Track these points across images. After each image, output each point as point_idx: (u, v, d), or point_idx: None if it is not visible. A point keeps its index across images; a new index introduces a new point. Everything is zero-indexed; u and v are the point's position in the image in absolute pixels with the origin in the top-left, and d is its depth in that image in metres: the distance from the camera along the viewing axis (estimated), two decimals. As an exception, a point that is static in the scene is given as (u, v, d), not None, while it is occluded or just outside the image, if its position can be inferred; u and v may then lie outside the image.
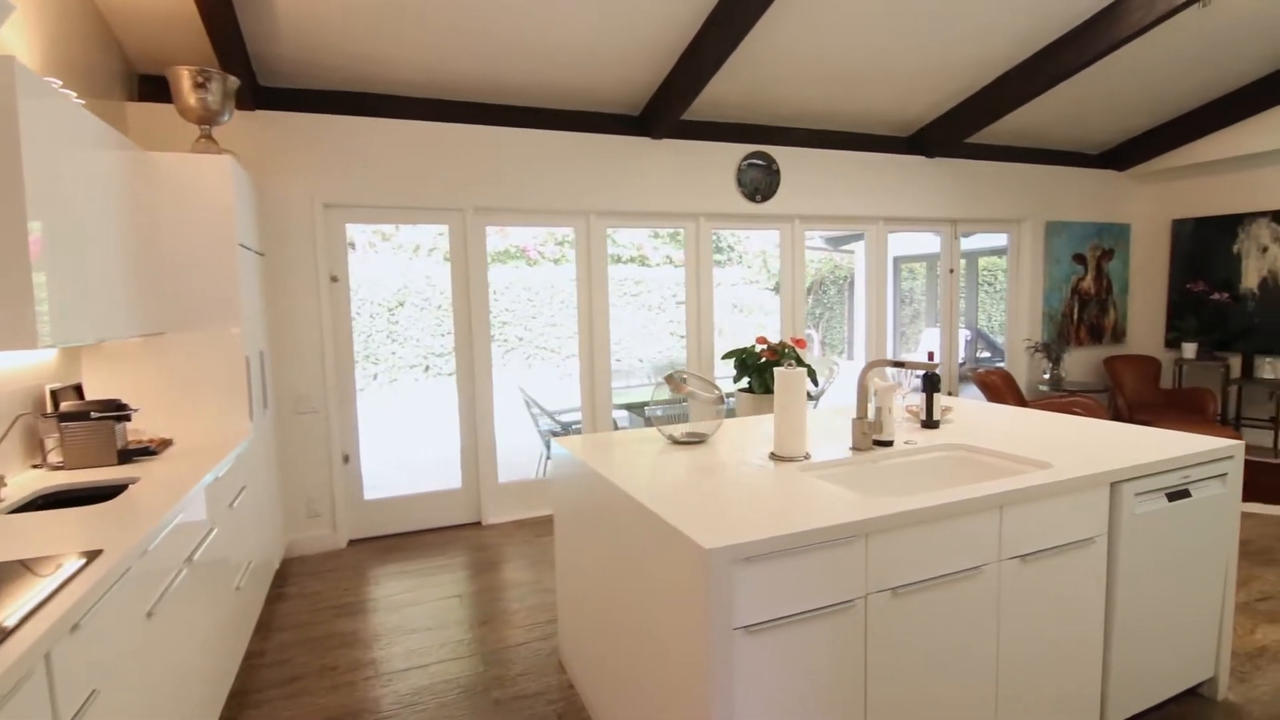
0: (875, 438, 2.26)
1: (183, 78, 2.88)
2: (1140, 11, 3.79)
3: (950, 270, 5.63)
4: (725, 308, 11.96)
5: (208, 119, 2.97)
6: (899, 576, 1.64)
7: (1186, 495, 2.10)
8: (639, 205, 4.46)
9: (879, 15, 3.67)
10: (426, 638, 2.82)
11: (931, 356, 2.61)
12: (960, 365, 9.94)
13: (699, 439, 2.43)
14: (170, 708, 1.73)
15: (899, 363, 2.16)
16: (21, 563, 1.43)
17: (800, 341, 4.54)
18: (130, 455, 2.37)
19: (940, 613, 1.70)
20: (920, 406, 2.66)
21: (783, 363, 4.46)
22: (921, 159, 5.31)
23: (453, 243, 4.14)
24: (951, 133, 5.06)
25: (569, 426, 4.88)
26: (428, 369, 10.90)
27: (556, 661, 2.61)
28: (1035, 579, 1.84)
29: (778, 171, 4.77)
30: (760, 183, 4.74)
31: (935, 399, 2.54)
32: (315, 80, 3.66)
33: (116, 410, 2.33)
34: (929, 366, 2.13)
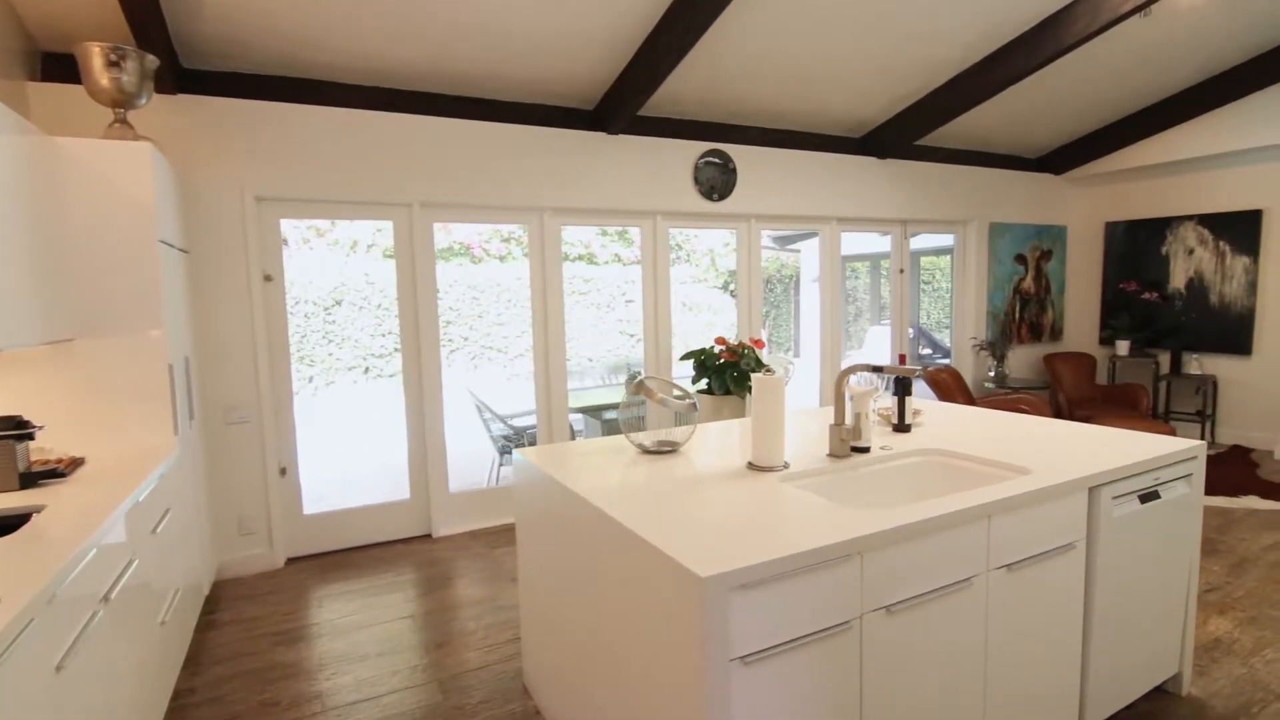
0: (853, 444, 2.20)
1: (93, 55, 2.59)
2: (1085, 20, 3.88)
3: (901, 270, 5.70)
4: (674, 307, 11.96)
5: (123, 102, 2.68)
6: (893, 594, 1.57)
7: (1156, 496, 2.11)
8: (594, 202, 4.32)
9: (837, 15, 3.64)
10: (377, 665, 2.62)
11: (903, 360, 2.58)
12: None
13: (670, 448, 2.32)
14: (84, 772, 1.51)
15: (877, 368, 2.11)
16: (-107, 620, 1.21)
17: (758, 342, 4.49)
18: (34, 479, 2.10)
19: (933, 628, 1.64)
20: (891, 409, 2.62)
21: (741, 363, 4.41)
22: (873, 160, 5.35)
23: (398, 239, 3.91)
24: (902, 134, 5.11)
25: (523, 432, 4.70)
26: (367, 370, 10.47)
27: (521, 686, 2.46)
28: (1020, 588, 1.81)
29: (735, 170, 4.71)
30: (717, 181, 4.67)
31: (907, 402, 2.51)
32: (244, 63, 3.38)
33: (16, 428, 2.05)
34: (908, 371, 2.08)
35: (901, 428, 2.52)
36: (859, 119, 4.99)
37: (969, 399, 5.24)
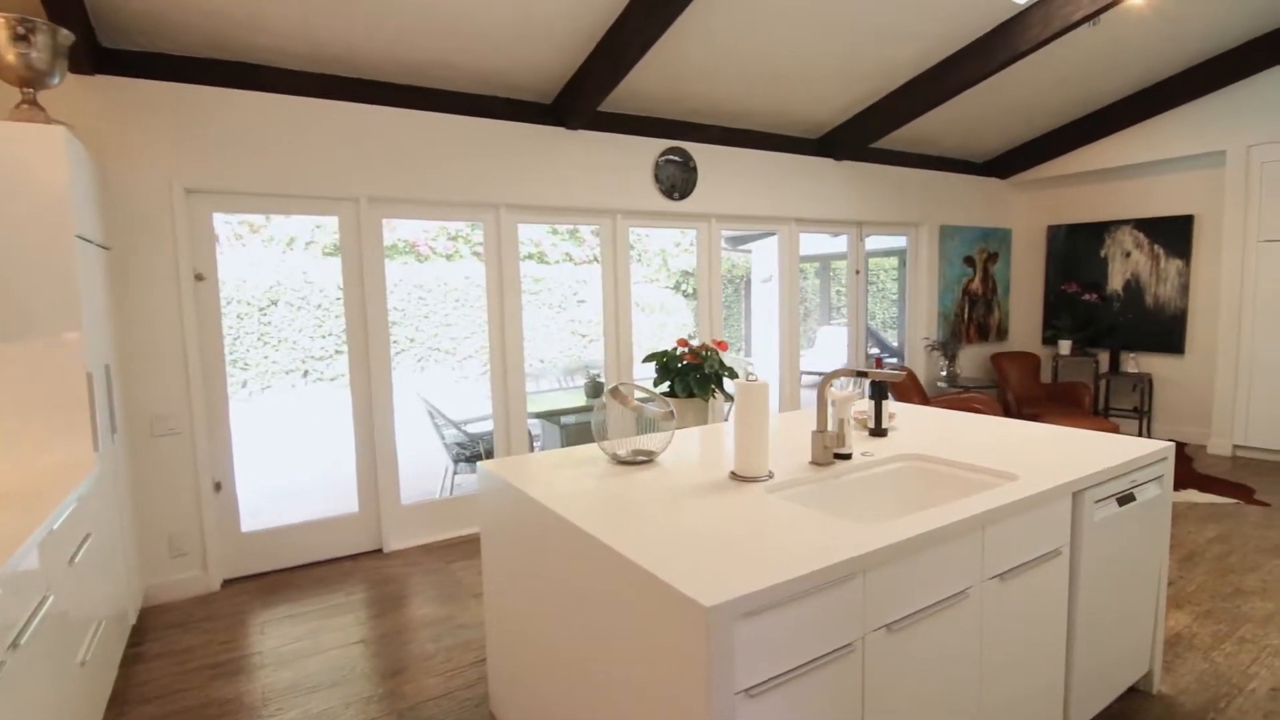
0: (835, 450, 2.13)
1: (-5, 26, 2.30)
2: (1038, 27, 3.95)
3: (857, 271, 5.74)
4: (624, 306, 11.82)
5: (32, 80, 2.40)
6: (894, 611, 1.50)
7: (1132, 499, 2.12)
8: (553, 200, 4.18)
9: (800, 14, 3.60)
10: (329, 698, 2.42)
11: (880, 363, 2.54)
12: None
13: (646, 457, 2.21)
14: None
15: (862, 373, 2.05)
16: None
17: (722, 344, 4.43)
18: (-75, 506, 1.84)
19: (931, 644, 1.58)
20: (867, 412, 2.58)
21: (704, 366, 4.34)
22: (830, 161, 5.36)
23: (344, 236, 3.68)
24: (858, 137, 5.13)
25: (479, 438, 4.51)
26: (306, 374, 9.99)
27: (488, 713, 2.30)
28: (1011, 596, 1.77)
29: (695, 169, 4.64)
30: (678, 180, 4.58)
31: (883, 405, 2.47)
32: (172, 43, 3.10)
33: (-97, 449, 1.79)
34: (893, 376, 2.02)
35: (878, 432, 2.47)
36: (817, 120, 4.98)
37: (924, 399, 5.32)
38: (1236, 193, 5.05)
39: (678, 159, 4.57)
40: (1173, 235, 5.61)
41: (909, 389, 5.28)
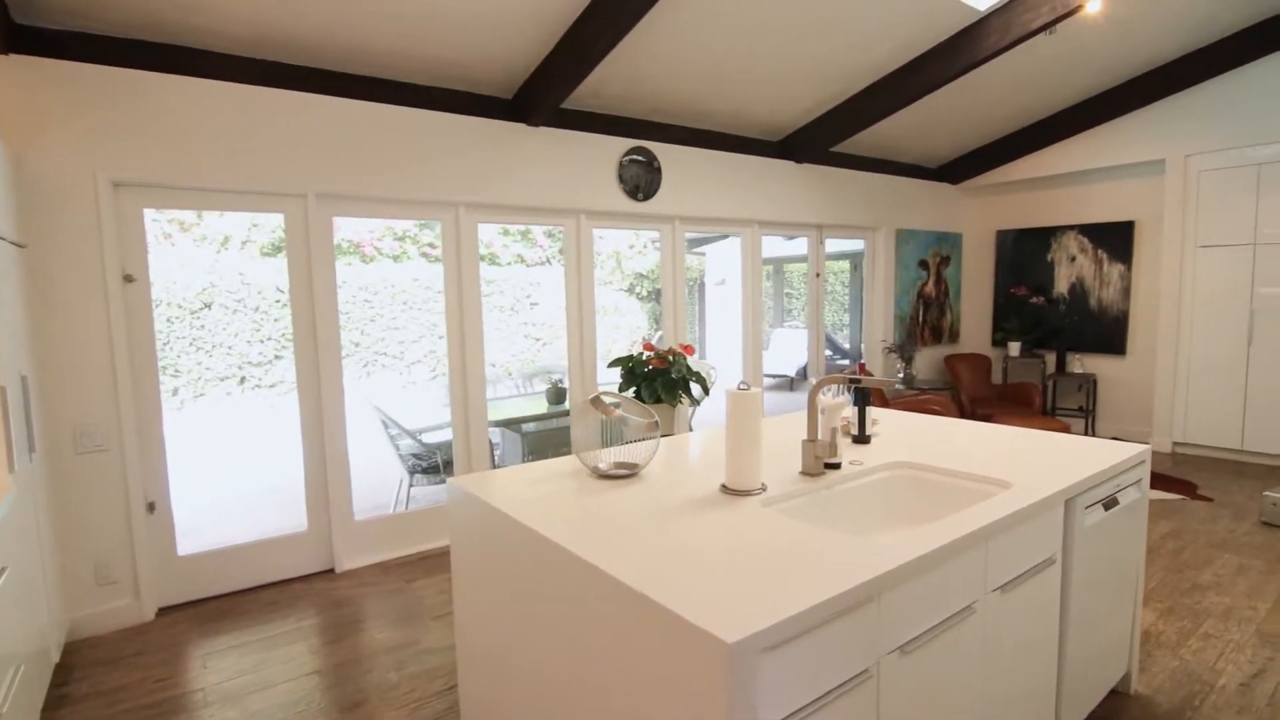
0: (826, 460, 2.07)
1: (-115, -6, 2.03)
2: (997, 34, 4.02)
3: (818, 274, 5.76)
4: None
5: (-70, 56, 2.13)
6: (906, 631, 1.43)
7: (1116, 503, 2.12)
8: (514, 199, 4.02)
9: (764, 15, 3.56)
10: (282, 737, 2.22)
11: (863, 369, 2.49)
12: (806, 364, 10.45)
13: (629, 471, 2.09)
14: None
15: (855, 379, 1.98)
16: None
17: (688, 348, 4.35)
18: None
19: (941, 663, 1.52)
20: (849, 419, 2.53)
21: (671, 371, 4.25)
22: (792, 164, 5.36)
23: (291, 235, 3.44)
24: (819, 140, 5.14)
25: (436, 449, 4.31)
26: (243, 380, 9.48)
27: (460, 748, 2.15)
28: (1011, 608, 1.73)
29: (659, 169, 4.55)
30: (641, 180, 4.48)
31: (866, 411, 2.42)
32: (97, 22, 2.83)
33: None
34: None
35: (862, 439, 2.42)
36: (779, 122, 4.97)
37: (882, 400, 5.36)
38: (1175, 200, 5.26)
39: (642, 159, 4.47)
40: (1115, 240, 5.82)
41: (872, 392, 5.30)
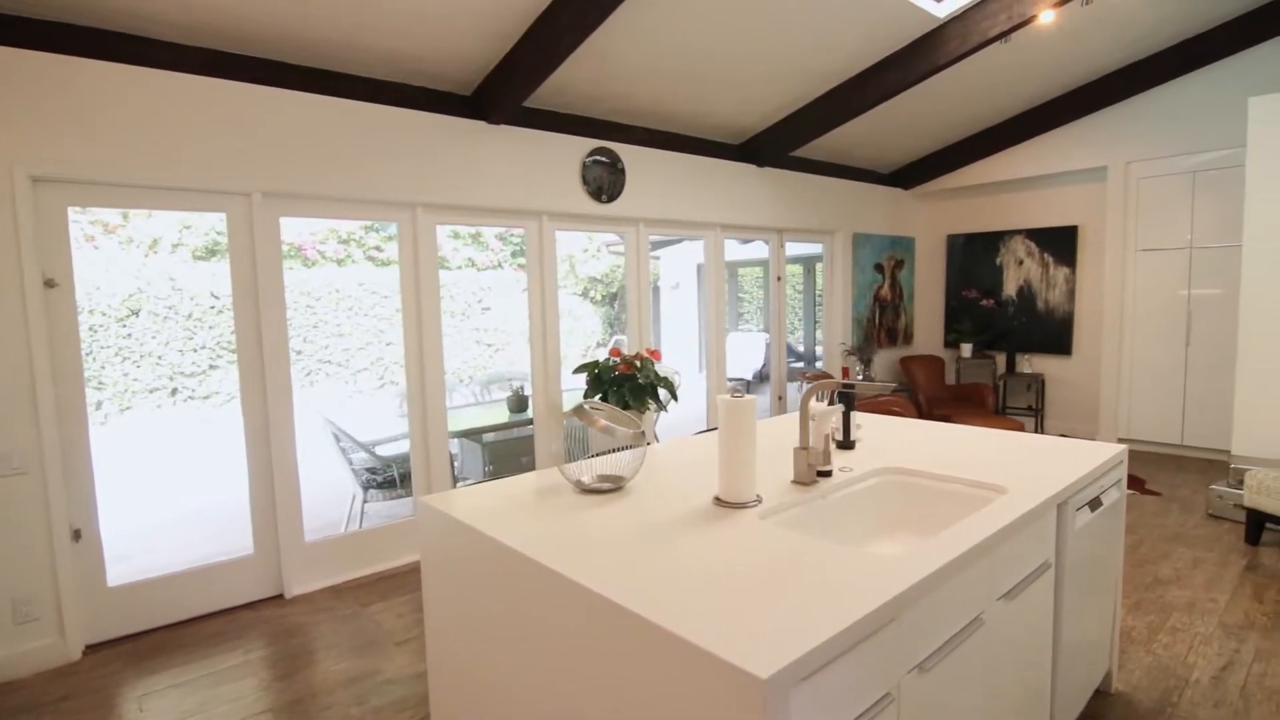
0: (818, 468, 2.00)
1: None
2: (956, 41, 4.07)
3: (779, 278, 5.76)
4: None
5: None
6: (923, 649, 1.36)
7: (1100, 504, 2.13)
8: (474, 199, 3.86)
9: (733, 17, 3.52)
10: (234, 787, 2.02)
11: (846, 373, 2.44)
12: (761, 367, 10.52)
13: (614, 484, 1.98)
14: None
15: (848, 385, 1.92)
16: None
17: (655, 353, 4.27)
18: None
19: (953, 679, 1.46)
20: (835, 424, 2.48)
21: (638, 376, 4.16)
22: (753, 167, 5.34)
23: (233, 236, 3.20)
24: (781, 143, 5.14)
25: (392, 462, 4.10)
26: (175, 392, 8.93)
27: (434, 788, 1.99)
28: (1014, 616, 1.70)
29: (623, 171, 4.46)
30: (605, 181, 4.38)
31: (850, 416, 2.37)
32: (15, 2, 2.56)
33: None
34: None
35: (846, 444, 2.37)
36: (741, 125, 4.94)
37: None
38: (1117, 205, 5.47)
39: (605, 160, 4.37)
40: (1060, 244, 6.02)
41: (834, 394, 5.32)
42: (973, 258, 6.60)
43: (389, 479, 4.09)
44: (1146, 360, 5.44)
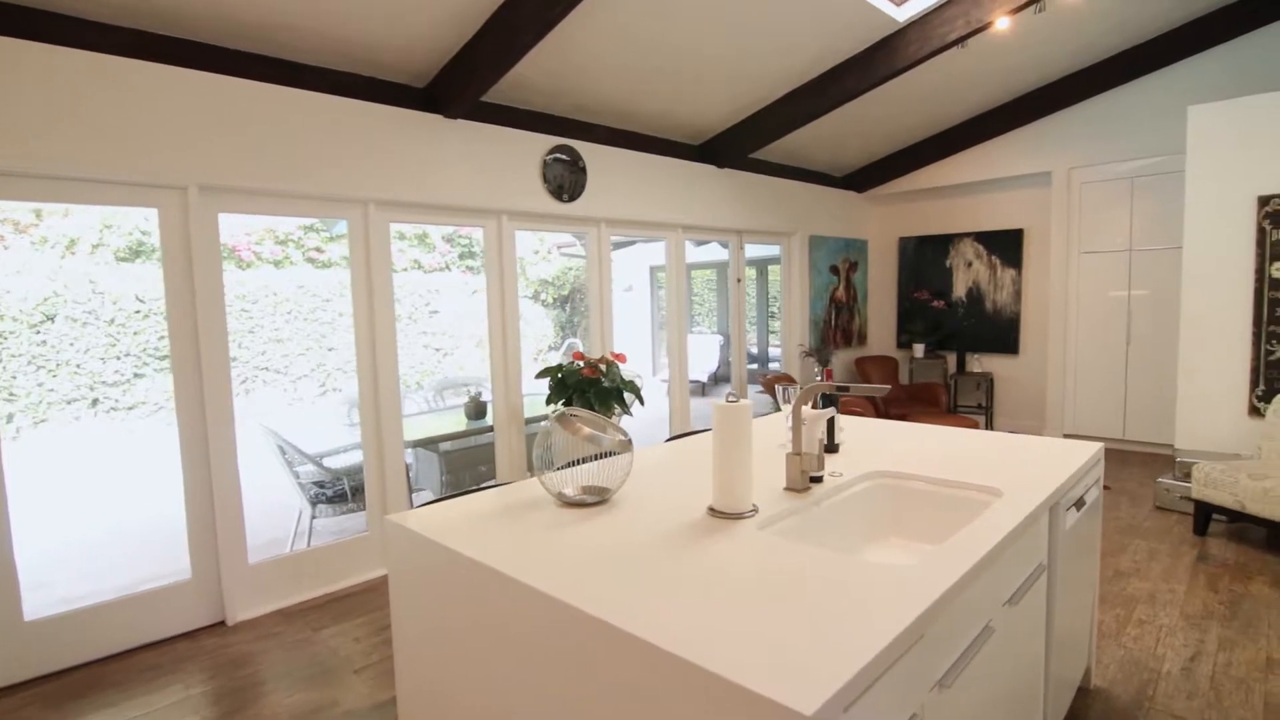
0: (811, 474, 1.93)
1: None
2: (915, 45, 4.12)
3: (739, 280, 5.73)
4: (481, 317, 11.21)
5: None
6: (942, 664, 1.30)
7: (1084, 503, 2.13)
8: (430, 197, 3.68)
9: (698, 13, 3.45)
10: (178, 844, 1.82)
11: (830, 375, 2.39)
12: (715, 369, 10.53)
13: (599, 497, 1.87)
14: None
15: (843, 387, 1.86)
16: None
17: (620, 356, 4.16)
18: None
19: (967, 693, 1.41)
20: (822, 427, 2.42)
21: (603, 381, 4.04)
22: (713, 169, 5.30)
23: (166, 234, 2.95)
24: (740, 144, 5.12)
25: (342, 475, 3.86)
26: (96, 402, 8.33)
27: (407, 831, 1.83)
28: (1016, 620, 1.66)
29: (585, 169, 4.34)
30: (566, 180, 4.26)
31: (835, 419, 2.32)
32: (-95, -34, 2.28)
33: None
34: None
35: (831, 448, 2.32)
36: (701, 126, 4.89)
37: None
38: (1060, 209, 5.66)
39: (566, 158, 4.24)
40: (1007, 247, 6.19)
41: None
42: (924, 260, 6.73)
43: (339, 492, 3.85)
44: (1089, 358, 5.63)
